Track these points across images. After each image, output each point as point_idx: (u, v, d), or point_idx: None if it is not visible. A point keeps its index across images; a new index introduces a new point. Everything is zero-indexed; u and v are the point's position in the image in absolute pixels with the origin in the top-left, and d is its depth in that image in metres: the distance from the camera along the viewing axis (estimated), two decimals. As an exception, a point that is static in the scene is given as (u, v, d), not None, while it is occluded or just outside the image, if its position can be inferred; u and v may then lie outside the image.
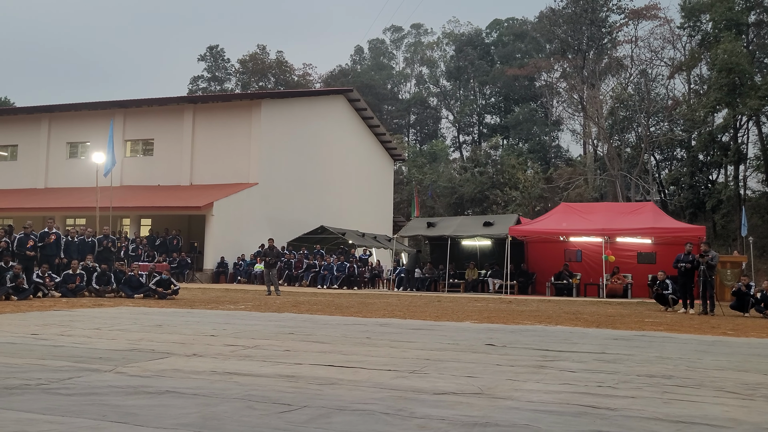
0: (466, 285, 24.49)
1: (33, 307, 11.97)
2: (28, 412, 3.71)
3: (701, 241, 18.10)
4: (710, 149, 40.22)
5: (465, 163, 55.92)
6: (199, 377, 5.00)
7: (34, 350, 6.32)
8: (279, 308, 13.22)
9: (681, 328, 10.70)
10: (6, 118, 34.85)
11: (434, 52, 70.78)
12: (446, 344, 7.60)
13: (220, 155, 29.68)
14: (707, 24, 42.46)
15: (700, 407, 4.30)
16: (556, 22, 53.39)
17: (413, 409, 3.99)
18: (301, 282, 26.12)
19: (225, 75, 68.04)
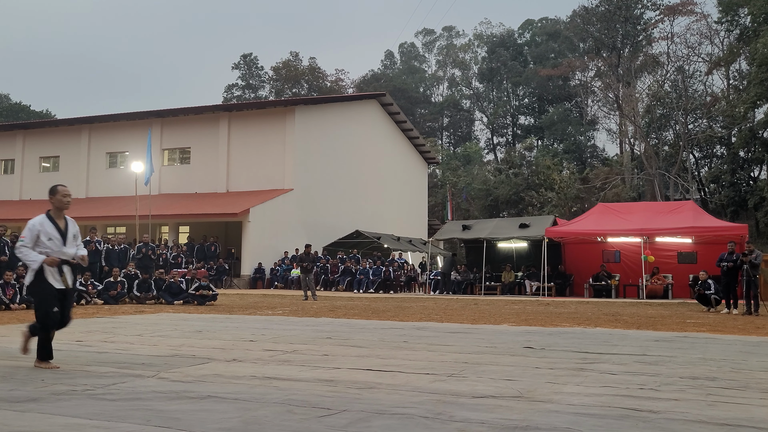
0: (503, 287, 24.31)
1: (76, 315, 12.19)
2: (75, 417, 3.80)
3: (744, 239, 17.74)
4: (751, 145, 39.33)
5: (499, 164, 55.57)
6: (240, 382, 5.06)
7: (79, 357, 6.46)
8: (316, 313, 13.30)
9: (724, 329, 10.48)
10: (48, 130, 35.72)
11: (466, 54, 70.55)
12: (484, 347, 7.56)
13: (255, 162, 29.98)
14: (745, 18, 41.57)
15: (746, 409, 4.21)
16: (589, 21, 52.81)
17: (452, 413, 3.99)
18: (337, 287, 26.22)
19: (259, 82, 68.75)
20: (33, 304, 5.72)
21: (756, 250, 15.09)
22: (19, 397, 4.34)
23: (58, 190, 5.77)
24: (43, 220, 5.67)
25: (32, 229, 5.62)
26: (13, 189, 34.31)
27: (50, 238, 5.63)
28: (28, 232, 5.61)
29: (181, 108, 32.70)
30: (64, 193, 5.75)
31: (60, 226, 5.74)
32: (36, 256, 5.54)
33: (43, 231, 5.62)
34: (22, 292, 13.69)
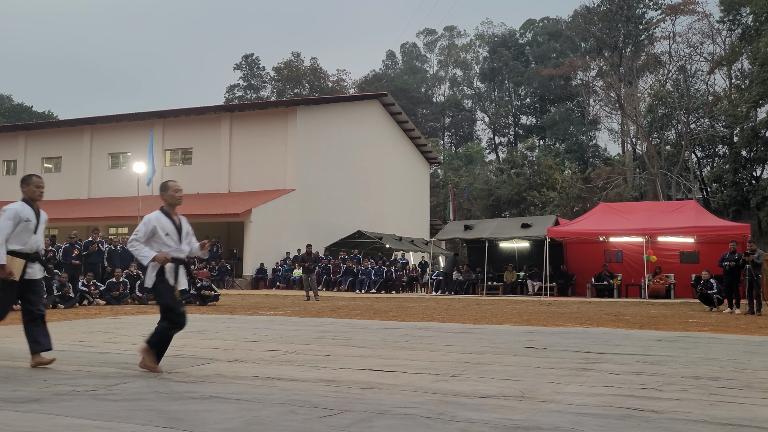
0: (505, 287, 24.31)
1: (79, 315, 12.25)
2: (77, 417, 3.81)
3: (747, 239, 17.70)
4: (754, 145, 39.26)
5: (501, 164, 55.55)
6: (242, 382, 5.06)
7: (82, 357, 6.47)
8: (318, 313, 13.30)
9: (727, 329, 10.47)
10: (50, 131, 35.77)
11: (468, 54, 70.52)
12: (486, 347, 7.56)
13: (257, 162, 30.01)
14: (747, 17, 41.53)
15: (748, 409, 4.21)
16: (591, 20, 52.75)
17: (454, 413, 3.99)
18: (339, 287, 26.23)
19: (260, 83, 68.76)
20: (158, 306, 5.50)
21: (758, 250, 15.06)
22: (22, 398, 4.35)
23: (170, 185, 5.65)
24: (159, 216, 5.53)
25: (147, 223, 5.47)
26: (16, 190, 34.11)
27: (167, 233, 5.51)
28: (143, 227, 5.47)
29: (182, 108, 32.73)
30: (175, 188, 5.64)
31: (175, 222, 5.63)
32: (148, 251, 5.40)
33: (160, 226, 5.48)
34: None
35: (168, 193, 5.62)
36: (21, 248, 5.64)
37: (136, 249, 5.44)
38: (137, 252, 5.43)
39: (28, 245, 5.69)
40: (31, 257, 5.71)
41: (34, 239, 5.70)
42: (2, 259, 5.52)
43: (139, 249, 5.42)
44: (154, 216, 5.53)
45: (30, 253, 5.71)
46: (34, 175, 5.91)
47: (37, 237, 5.74)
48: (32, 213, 5.69)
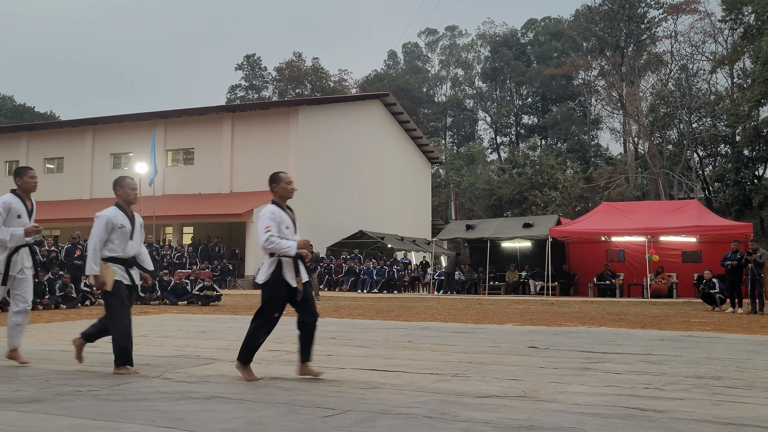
0: (507, 287, 24.30)
1: (81, 316, 12.26)
2: (80, 417, 3.81)
3: (749, 238, 17.68)
4: (756, 144, 39.19)
5: (503, 164, 55.50)
6: (244, 383, 5.07)
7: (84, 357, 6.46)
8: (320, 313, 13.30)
9: (729, 328, 10.46)
10: (52, 131, 35.81)
11: (469, 53, 70.49)
12: (488, 347, 7.56)
13: (258, 162, 30.01)
14: (749, 16, 41.44)
15: (751, 409, 4.20)
16: (592, 20, 52.70)
17: (456, 413, 3.99)
18: (341, 287, 26.24)
19: (262, 83, 68.78)
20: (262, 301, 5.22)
21: (761, 249, 15.05)
22: (24, 398, 4.35)
23: (281, 177, 5.39)
24: (275, 209, 5.25)
25: (273, 218, 5.18)
26: (18, 190, 34.38)
27: (288, 226, 5.24)
28: (271, 222, 5.14)
29: (184, 109, 32.75)
30: (287, 180, 5.39)
31: (291, 216, 5.40)
32: (288, 242, 5.10)
33: (282, 220, 5.22)
34: None
35: (280, 185, 5.35)
36: (118, 255, 5.51)
37: (276, 244, 5.07)
38: (278, 246, 5.08)
39: (125, 252, 5.55)
40: (128, 263, 5.58)
41: (131, 245, 5.58)
42: (92, 269, 5.40)
43: (279, 243, 5.08)
44: (271, 209, 5.22)
45: (127, 259, 5.57)
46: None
47: (134, 243, 5.62)
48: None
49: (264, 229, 5.14)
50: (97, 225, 5.49)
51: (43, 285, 14.15)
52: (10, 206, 5.69)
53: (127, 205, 5.67)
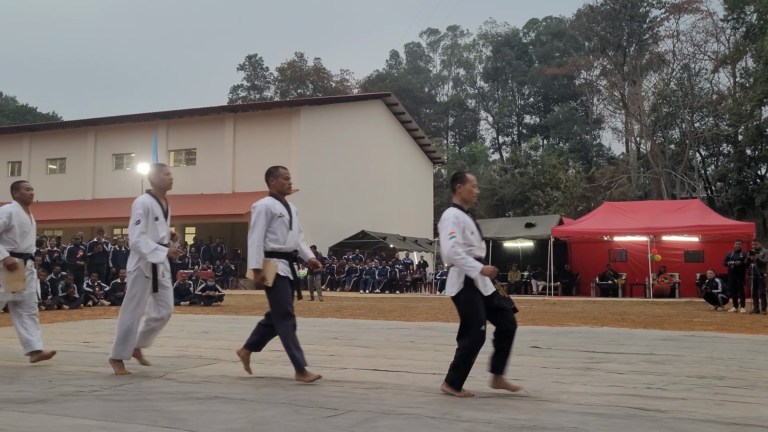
0: (509, 287, 24.28)
1: (84, 316, 12.27)
2: (82, 418, 3.82)
3: (752, 238, 17.65)
4: (758, 143, 39.14)
5: (505, 164, 55.50)
6: (246, 383, 5.07)
7: (87, 358, 6.48)
8: (322, 313, 13.31)
9: (732, 328, 10.45)
10: (54, 132, 35.84)
11: (471, 53, 70.47)
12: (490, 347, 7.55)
13: (261, 163, 29.85)
14: (752, 15, 41.39)
15: (754, 409, 4.20)
16: (594, 20, 52.67)
17: (459, 413, 3.99)
18: (343, 287, 26.24)
19: (264, 83, 68.82)
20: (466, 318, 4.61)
21: (763, 249, 15.03)
22: (27, 398, 4.36)
23: (468, 178, 4.84)
24: (460, 213, 4.70)
25: (457, 223, 4.62)
26: (20, 191, 34.41)
27: (472, 231, 4.69)
28: (454, 227, 4.59)
29: (186, 109, 32.77)
30: (472, 183, 4.85)
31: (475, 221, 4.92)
32: (474, 261, 4.53)
33: (467, 225, 4.67)
34: None
35: (466, 187, 4.78)
36: (280, 248, 5.20)
37: (461, 257, 4.50)
38: (464, 262, 4.50)
39: (287, 244, 5.24)
40: (291, 256, 5.27)
41: (291, 236, 5.28)
42: (257, 263, 5.10)
43: (464, 258, 4.50)
44: (457, 213, 4.69)
45: (290, 252, 5.27)
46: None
47: (294, 233, 5.33)
48: (284, 207, 5.30)
49: (448, 235, 4.59)
50: (256, 216, 5.17)
51: (46, 285, 14.17)
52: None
53: (281, 196, 5.42)
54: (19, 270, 5.79)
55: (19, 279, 5.79)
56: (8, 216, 5.89)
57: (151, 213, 5.59)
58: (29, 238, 6.05)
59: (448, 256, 4.58)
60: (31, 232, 6.08)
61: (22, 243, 5.97)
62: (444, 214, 4.75)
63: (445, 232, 4.62)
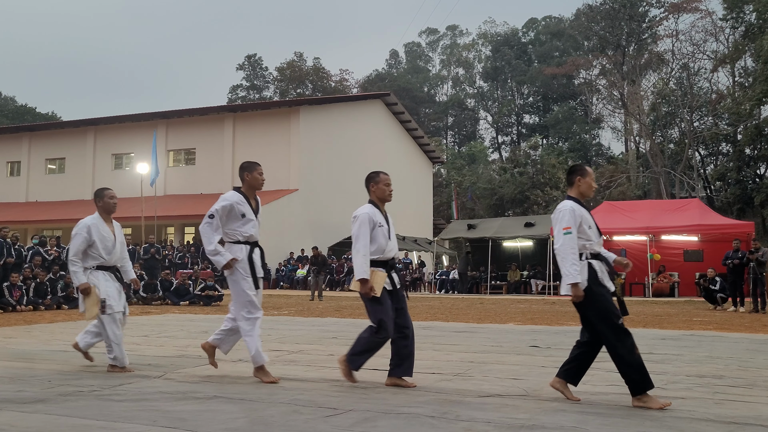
0: (509, 287, 24.29)
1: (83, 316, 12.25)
2: (82, 417, 3.82)
3: (751, 237, 17.67)
4: (757, 143, 39.16)
5: (504, 163, 55.50)
6: (246, 382, 5.07)
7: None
8: (322, 313, 13.31)
9: (731, 327, 10.46)
10: (53, 132, 35.83)
11: (470, 53, 70.48)
12: (490, 346, 7.56)
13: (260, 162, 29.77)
14: (751, 15, 41.40)
15: (753, 408, 4.20)
16: (593, 19, 52.66)
17: (458, 412, 3.99)
18: (342, 287, 26.24)
19: (263, 83, 68.77)
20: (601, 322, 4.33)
21: (762, 248, 15.04)
22: (26, 398, 4.36)
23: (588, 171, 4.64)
24: (576, 205, 4.52)
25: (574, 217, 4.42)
26: (20, 191, 34.42)
27: (590, 226, 4.51)
28: (570, 222, 4.40)
29: (186, 109, 32.78)
30: (593, 176, 4.69)
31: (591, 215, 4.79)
32: (578, 274, 4.29)
33: (584, 219, 4.47)
34: (29, 293, 13.75)
35: (586, 180, 4.60)
36: (380, 257, 5.01)
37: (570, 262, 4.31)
38: (570, 267, 4.32)
39: (386, 253, 5.07)
40: (389, 265, 5.07)
41: (390, 245, 5.12)
42: (364, 273, 4.88)
43: (573, 264, 4.31)
44: (574, 206, 4.49)
45: (388, 261, 5.07)
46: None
47: (393, 242, 5.17)
48: (383, 216, 5.16)
49: (564, 230, 4.38)
50: (358, 225, 5.02)
51: (45, 285, 14.17)
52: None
53: (381, 203, 5.24)
54: (92, 296, 5.51)
55: (94, 304, 5.50)
56: (87, 230, 5.62)
57: (236, 210, 5.29)
58: (116, 250, 5.75)
59: (559, 252, 4.35)
60: (116, 244, 5.77)
61: (109, 257, 5.69)
62: (560, 206, 4.52)
63: (560, 226, 4.41)
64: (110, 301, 5.56)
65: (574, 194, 4.61)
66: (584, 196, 4.64)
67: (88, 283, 5.53)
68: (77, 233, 5.64)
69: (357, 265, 4.91)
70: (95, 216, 5.82)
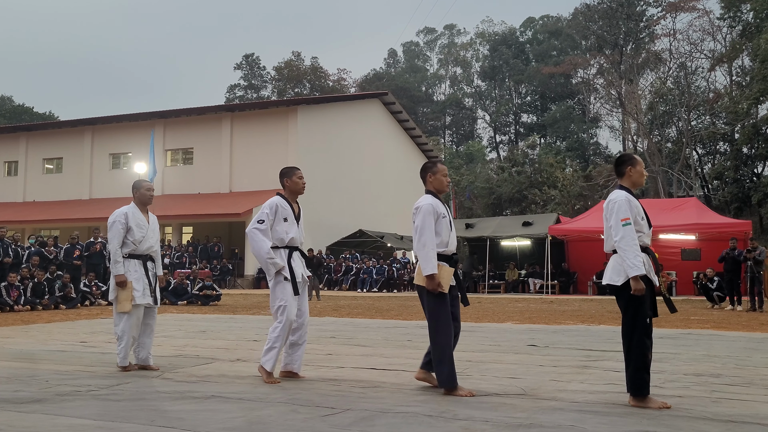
0: (507, 286, 24.30)
1: (81, 316, 12.26)
2: (79, 417, 3.81)
3: (748, 236, 17.69)
4: (755, 142, 39.19)
5: (502, 163, 55.46)
6: (244, 382, 5.06)
7: (84, 357, 6.47)
8: (320, 312, 13.30)
9: (729, 326, 10.48)
10: (51, 131, 35.76)
11: (468, 52, 70.50)
12: (488, 345, 7.56)
13: (258, 162, 30.00)
14: (748, 14, 41.44)
15: (750, 406, 4.21)
16: (591, 18, 52.70)
17: (456, 411, 3.99)
18: (340, 286, 26.24)
19: (261, 83, 68.73)
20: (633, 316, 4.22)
21: (760, 247, 15.07)
22: (24, 398, 4.35)
23: (639, 161, 4.67)
24: (631, 197, 4.51)
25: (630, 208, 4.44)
26: (17, 191, 34.36)
27: (642, 217, 4.52)
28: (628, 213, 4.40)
29: (183, 109, 32.72)
30: (643, 166, 4.69)
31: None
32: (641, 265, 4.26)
33: (638, 210, 4.47)
34: (27, 293, 13.74)
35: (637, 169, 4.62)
36: (443, 250, 4.77)
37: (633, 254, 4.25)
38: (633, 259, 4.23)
39: (450, 246, 4.83)
40: (453, 260, 4.85)
41: (453, 237, 4.92)
42: (433, 267, 4.59)
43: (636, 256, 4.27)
44: (629, 196, 4.51)
45: (452, 256, 4.84)
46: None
47: (454, 234, 4.97)
48: (445, 207, 4.96)
49: (622, 221, 4.31)
50: (423, 217, 4.78)
51: (43, 285, 14.15)
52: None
53: (439, 193, 5.07)
54: (127, 290, 5.57)
55: (126, 299, 5.55)
56: (124, 216, 5.78)
57: (280, 213, 5.26)
58: (149, 239, 5.87)
59: (621, 244, 4.25)
60: (149, 234, 5.89)
61: (141, 245, 5.79)
62: (613, 196, 4.42)
63: (617, 217, 4.31)
64: (135, 293, 5.63)
65: (627, 184, 4.55)
66: (636, 186, 4.60)
67: (125, 277, 5.62)
68: (115, 221, 5.77)
69: (425, 258, 4.60)
70: (131, 205, 5.98)
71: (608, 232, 4.43)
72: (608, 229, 4.43)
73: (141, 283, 5.70)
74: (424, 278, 4.60)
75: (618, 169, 4.62)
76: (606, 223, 4.48)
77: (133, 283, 5.65)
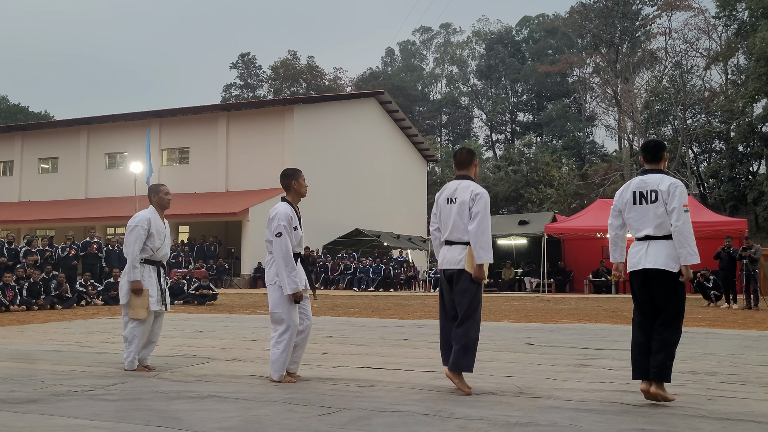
0: (503, 284, 24.33)
1: (77, 316, 12.23)
2: (75, 417, 3.80)
3: (744, 234, 17.73)
4: (750, 140, 39.33)
5: (498, 161, 55.54)
6: (240, 381, 5.06)
7: (80, 357, 6.46)
8: (316, 312, 13.30)
9: (724, 324, 10.50)
10: (46, 131, 35.67)
11: (464, 51, 70.51)
12: (484, 344, 7.55)
13: (254, 161, 29.97)
14: (743, 13, 41.56)
15: (746, 404, 4.22)
16: (587, 17, 52.74)
17: (452, 410, 3.99)
18: (337, 285, 26.24)
19: (257, 82, 68.64)
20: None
21: (755, 245, 15.11)
22: (19, 399, 4.34)
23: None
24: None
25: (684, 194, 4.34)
26: (12, 190, 34.26)
27: None
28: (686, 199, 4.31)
29: (179, 108, 32.66)
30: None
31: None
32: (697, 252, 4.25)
33: None
34: (22, 293, 13.70)
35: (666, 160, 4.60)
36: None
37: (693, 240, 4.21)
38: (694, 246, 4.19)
39: None
40: None
41: None
42: (491, 257, 4.77)
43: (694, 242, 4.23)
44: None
45: None
46: None
47: None
48: None
49: (684, 207, 4.22)
50: (484, 205, 4.93)
51: (38, 285, 14.12)
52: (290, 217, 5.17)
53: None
54: (143, 297, 5.54)
55: (142, 306, 5.52)
56: (147, 222, 5.70)
57: (292, 223, 5.28)
58: (165, 246, 5.83)
59: (685, 230, 4.15)
60: (166, 240, 5.85)
61: (158, 252, 5.76)
62: (674, 181, 4.29)
63: (681, 202, 4.19)
64: (150, 300, 5.61)
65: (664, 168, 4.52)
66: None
67: (141, 284, 5.56)
68: (137, 225, 5.67)
69: (484, 246, 4.72)
70: (151, 210, 5.86)
71: (658, 216, 4.25)
72: (659, 214, 4.25)
73: (155, 290, 5.67)
74: (476, 266, 4.68)
75: (657, 155, 4.51)
76: (656, 208, 4.28)
77: (150, 290, 5.62)
